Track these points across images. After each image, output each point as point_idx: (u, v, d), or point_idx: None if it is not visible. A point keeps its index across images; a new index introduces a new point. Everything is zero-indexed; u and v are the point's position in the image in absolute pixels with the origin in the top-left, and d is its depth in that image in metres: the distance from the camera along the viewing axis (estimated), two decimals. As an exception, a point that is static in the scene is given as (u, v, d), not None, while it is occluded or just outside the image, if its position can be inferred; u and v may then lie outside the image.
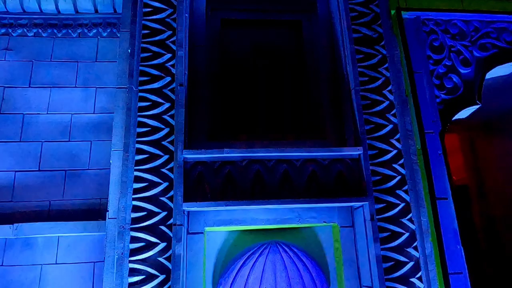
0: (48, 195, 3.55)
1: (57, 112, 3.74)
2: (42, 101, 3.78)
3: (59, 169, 3.62)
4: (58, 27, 4.03)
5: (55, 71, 3.87)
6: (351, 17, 2.59)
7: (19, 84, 3.82)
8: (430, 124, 2.55)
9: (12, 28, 3.98)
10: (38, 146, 3.67)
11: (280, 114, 2.61)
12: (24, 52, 3.94)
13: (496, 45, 2.82)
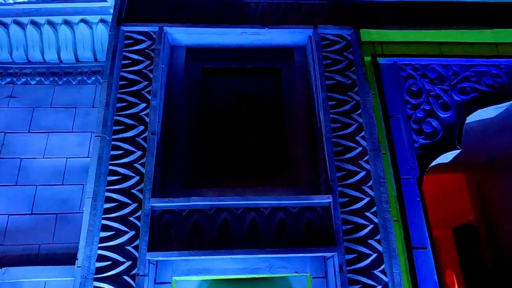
0: (38, 239, 3.60)
1: (53, 156, 3.87)
2: (39, 145, 3.92)
3: (51, 213, 3.69)
4: (59, 75, 4.24)
5: (54, 117, 4.04)
6: (325, 64, 2.63)
7: (19, 129, 3.99)
8: (408, 170, 2.50)
9: (17, 77, 4.21)
10: (32, 190, 3.77)
11: (257, 160, 2.61)
12: (26, 99, 4.14)
13: (476, 89, 2.79)
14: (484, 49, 2.88)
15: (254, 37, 2.76)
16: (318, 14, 2.80)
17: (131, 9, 2.72)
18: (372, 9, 2.84)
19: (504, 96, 2.79)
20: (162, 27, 2.63)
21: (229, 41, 2.80)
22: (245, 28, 2.71)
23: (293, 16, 2.78)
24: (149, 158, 2.27)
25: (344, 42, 2.70)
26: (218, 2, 2.79)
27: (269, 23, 2.73)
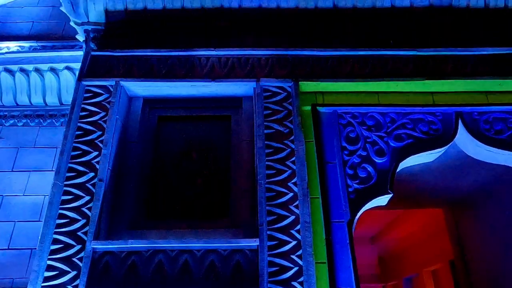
0: (12, 273, 3.83)
1: (33, 194, 4.15)
2: (21, 183, 4.22)
3: (26, 248, 3.94)
4: (44, 117, 4.58)
5: (36, 156, 4.35)
6: (266, 114, 2.87)
7: (4, 168, 4.30)
8: (340, 214, 2.67)
9: (6, 119, 4.56)
10: (11, 226, 4.04)
11: (203, 204, 2.81)
12: (12, 140, 4.48)
13: (411, 135, 2.97)
14: (420, 98, 3.07)
15: (204, 89, 3.02)
16: (263, 67, 3.06)
17: (93, 66, 3.03)
18: (313, 62, 3.08)
19: (439, 142, 2.95)
20: (119, 81, 2.92)
21: (182, 93, 3.07)
22: (195, 81, 2.98)
23: (239, 69, 3.04)
24: (95, 203, 2.50)
25: (285, 93, 2.94)
26: (171, 57, 3.07)
27: (216, 77, 2.99)
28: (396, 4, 3.35)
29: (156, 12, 3.32)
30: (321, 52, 3.10)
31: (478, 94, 3.10)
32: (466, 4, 3.35)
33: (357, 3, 3.34)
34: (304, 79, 3.01)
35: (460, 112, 3.04)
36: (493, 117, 3.05)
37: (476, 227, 5.07)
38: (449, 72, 3.06)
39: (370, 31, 3.31)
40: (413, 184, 4.54)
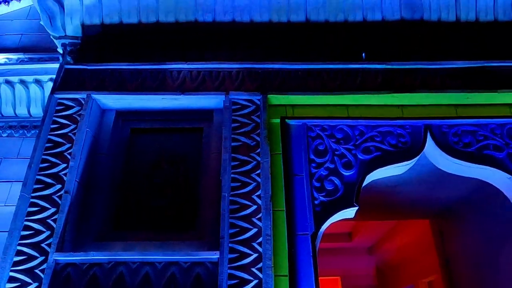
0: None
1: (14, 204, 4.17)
2: (3, 194, 4.25)
3: (4, 258, 3.94)
4: (28, 128, 4.64)
5: (19, 167, 4.38)
6: (234, 127, 2.90)
7: (-13, 178, 4.34)
8: (305, 226, 2.68)
9: (-9, 130, 4.61)
10: (-10, 236, 4.06)
11: (171, 216, 2.83)
12: (-4, 150, 4.52)
13: (380, 148, 2.98)
14: (389, 111, 3.09)
15: (174, 102, 3.06)
16: (233, 80, 3.10)
17: (66, 79, 3.08)
18: (283, 75, 3.12)
19: (407, 155, 2.97)
20: (90, 94, 2.97)
21: (154, 105, 3.11)
22: (165, 94, 3.03)
23: (210, 83, 3.09)
24: (60, 215, 2.53)
25: (254, 106, 2.98)
26: (144, 71, 3.13)
27: (186, 90, 3.04)
28: (368, 18, 3.39)
29: (132, 26, 3.39)
30: (291, 66, 3.14)
31: (447, 107, 3.12)
32: (438, 17, 3.39)
33: (329, 17, 3.39)
34: (274, 92, 3.05)
35: (429, 125, 3.06)
36: (462, 130, 3.07)
37: (459, 238, 5.05)
38: (418, 86, 3.09)
39: (342, 45, 3.35)
40: (396, 196, 4.55)
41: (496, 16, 3.39)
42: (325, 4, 3.37)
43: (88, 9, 3.34)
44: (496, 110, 3.12)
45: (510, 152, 2.98)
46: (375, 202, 4.74)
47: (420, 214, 5.60)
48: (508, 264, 4.10)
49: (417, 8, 3.38)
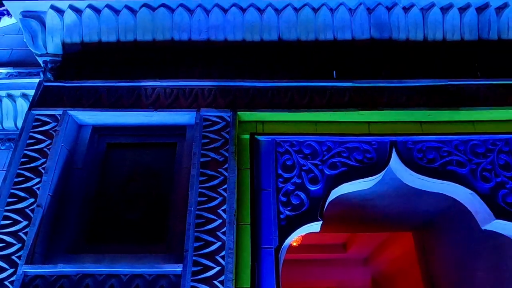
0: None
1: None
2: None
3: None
4: (15, 141, 4.73)
5: (5, 179, 4.46)
6: (204, 143, 3.00)
7: (-28, 190, 4.42)
8: (270, 240, 2.77)
9: (-21, 142, 4.72)
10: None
11: (142, 229, 2.92)
12: (-17, 163, 4.62)
13: (346, 163, 3.07)
14: (357, 128, 3.19)
15: (148, 118, 3.17)
16: (206, 98, 3.21)
17: (44, 95, 3.20)
18: (254, 93, 3.23)
19: (372, 170, 3.06)
20: (66, 111, 3.08)
21: (130, 121, 3.22)
22: (139, 111, 3.14)
23: (183, 100, 3.20)
24: (31, 228, 2.62)
25: (224, 123, 3.08)
26: (119, 88, 3.24)
27: (159, 107, 3.15)
28: (338, 37, 3.51)
29: (111, 44, 3.51)
30: (262, 83, 3.25)
31: (413, 123, 3.22)
32: (406, 37, 3.51)
33: (301, 36, 3.50)
34: (244, 109, 3.15)
35: (395, 141, 3.15)
36: (426, 146, 3.16)
37: (440, 253, 5.09)
38: (384, 103, 3.19)
39: (314, 63, 3.46)
40: (374, 209, 4.63)
41: (462, 35, 3.50)
42: (296, 24, 3.49)
43: (68, 28, 3.47)
44: (460, 127, 3.21)
45: (472, 168, 3.07)
46: (356, 215, 4.82)
47: (404, 227, 5.66)
48: (483, 282, 4.14)
49: (386, 28, 3.49)
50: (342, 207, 4.50)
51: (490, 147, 3.15)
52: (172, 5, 3.48)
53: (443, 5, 3.49)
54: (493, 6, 3.48)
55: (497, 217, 2.87)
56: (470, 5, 3.48)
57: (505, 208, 2.91)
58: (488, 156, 3.11)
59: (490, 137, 3.18)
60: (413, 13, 3.48)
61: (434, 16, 3.48)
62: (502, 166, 3.08)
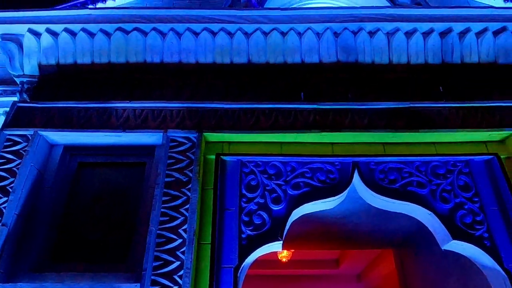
0: None
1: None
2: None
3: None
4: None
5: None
6: (169, 163, 3.08)
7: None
8: (230, 259, 2.82)
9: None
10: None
11: (108, 247, 2.97)
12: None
13: (309, 184, 3.15)
14: (321, 148, 3.27)
15: (117, 139, 3.26)
16: (174, 119, 3.30)
17: (17, 116, 3.29)
18: (221, 114, 3.32)
19: (333, 190, 3.13)
20: (37, 131, 3.17)
21: (100, 141, 3.31)
22: (108, 132, 3.23)
23: (152, 121, 3.29)
24: (-6, 247, 2.68)
25: (190, 143, 3.16)
26: (90, 109, 3.34)
27: (128, 128, 3.24)
28: (306, 60, 3.62)
29: (86, 66, 3.63)
30: (229, 105, 3.34)
31: (376, 145, 3.30)
32: (371, 60, 3.62)
33: (269, 59, 3.62)
34: (210, 130, 3.24)
35: (357, 162, 3.23)
36: (389, 167, 3.23)
37: (417, 271, 5.12)
38: (347, 125, 3.27)
39: (282, 85, 3.57)
40: (347, 226, 4.68)
41: (426, 59, 3.61)
42: (266, 47, 3.61)
43: (45, 51, 3.59)
44: (422, 148, 3.29)
45: (432, 188, 3.14)
46: (333, 232, 4.86)
47: (383, 244, 5.69)
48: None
49: (352, 51, 3.60)
50: (318, 225, 4.56)
51: (451, 168, 3.23)
52: (145, 28, 3.60)
53: (408, 30, 3.61)
54: (455, 31, 3.60)
55: (454, 237, 2.92)
56: (434, 30, 3.60)
57: (462, 229, 2.97)
58: (448, 177, 3.19)
59: (451, 159, 3.26)
60: (379, 38, 3.60)
61: (399, 41, 3.60)
62: (462, 187, 3.15)
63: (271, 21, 3.59)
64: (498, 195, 3.11)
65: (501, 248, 2.88)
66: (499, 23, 3.59)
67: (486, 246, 2.89)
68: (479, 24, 3.59)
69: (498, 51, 3.60)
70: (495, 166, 3.19)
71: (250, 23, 3.59)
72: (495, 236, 2.93)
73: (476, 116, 3.32)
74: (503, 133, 3.24)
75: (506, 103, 3.35)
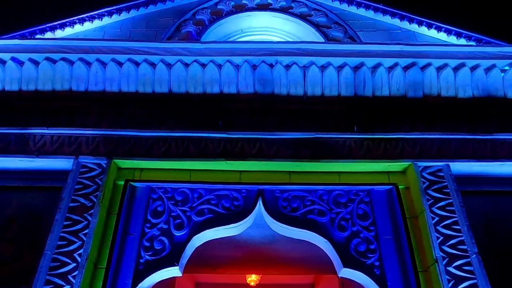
0: None
1: None
2: None
3: None
4: None
5: None
6: (77, 188, 3.19)
7: None
8: (124, 284, 2.90)
9: None
10: None
11: (12, 269, 3.05)
12: None
13: (213, 210, 3.26)
14: (228, 176, 3.40)
15: (32, 163, 3.38)
16: (89, 145, 3.43)
17: None
18: (134, 141, 3.46)
19: (236, 217, 3.24)
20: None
21: (16, 166, 3.43)
22: (22, 157, 3.36)
23: (68, 147, 3.42)
24: None
25: (100, 169, 3.29)
26: (9, 134, 3.47)
27: (43, 153, 3.37)
28: (224, 91, 3.78)
29: (13, 93, 3.78)
30: (143, 133, 3.48)
31: (282, 173, 3.43)
32: (287, 92, 3.78)
33: (189, 89, 3.78)
34: (122, 157, 3.37)
35: (262, 190, 3.35)
36: (293, 195, 3.35)
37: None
38: (255, 154, 3.41)
39: (200, 115, 3.71)
40: (278, 252, 4.74)
41: (339, 91, 3.78)
42: (186, 78, 3.78)
43: (-26, 78, 3.75)
44: (327, 177, 3.42)
45: (332, 217, 3.25)
46: (265, 257, 4.91)
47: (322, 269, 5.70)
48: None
49: (268, 83, 3.78)
50: (247, 250, 4.63)
51: (352, 197, 3.35)
52: (72, 58, 3.78)
53: (322, 63, 3.79)
54: (367, 65, 3.78)
55: (344, 265, 3.02)
56: (347, 64, 3.78)
57: (355, 257, 3.06)
58: (348, 206, 3.30)
59: (353, 188, 3.38)
60: (294, 70, 3.78)
61: (313, 74, 3.78)
62: (360, 216, 3.26)
63: (192, 54, 3.77)
64: (394, 224, 3.22)
65: (389, 276, 2.97)
66: (409, 59, 3.77)
67: (376, 275, 2.98)
68: (390, 60, 3.78)
69: (408, 85, 3.77)
70: (394, 196, 3.31)
71: (172, 55, 3.77)
72: (385, 264, 3.03)
73: (379, 147, 3.46)
74: (402, 164, 3.38)
75: (407, 135, 3.50)
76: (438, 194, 3.18)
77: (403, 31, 6.10)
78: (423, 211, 3.10)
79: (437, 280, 2.83)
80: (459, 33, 5.99)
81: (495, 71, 3.78)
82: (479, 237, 3.22)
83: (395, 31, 6.05)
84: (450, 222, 3.06)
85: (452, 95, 3.78)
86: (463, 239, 2.97)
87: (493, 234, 3.27)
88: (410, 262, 2.98)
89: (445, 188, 3.22)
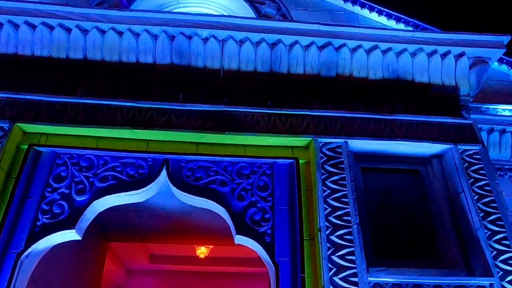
0: None
1: None
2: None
3: None
4: None
5: None
6: (-24, 151, 3.17)
7: None
8: (17, 245, 2.95)
9: None
10: None
11: None
12: None
13: (117, 177, 3.32)
14: (136, 145, 3.45)
15: None
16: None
17: None
18: (43, 107, 3.43)
19: (138, 185, 3.31)
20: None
21: None
22: None
23: (-29, 108, 3.36)
24: None
25: (2, 133, 3.26)
26: None
27: None
28: (140, 60, 3.78)
29: None
30: (50, 98, 3.46)
31: (189, 144, 3.51)
32: (204, 64, 3.82)
33: (105, 57, 3.76)
34: (27, 121, 3.35)
35: (168, 159, 3.43)
36: (198, 165, 3.45)
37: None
38: (162, 124, 3.46)
39: (114, 83, 3.71)
40: (203, 222, 4.87)
41: (256, 67, 3.85)
42: (102, 45, 3.74)
43: None
44: (233, 149, 3.53)
45: (233, 187, 3.38)
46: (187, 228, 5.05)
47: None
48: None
49: (185, 55, 3.80)
50: (168, 220, 4.75)
51: (256, 170, 3.48)
52: (-17, 19, 3.66)
53: (240, 38, 3.84)
54: (284, 42, 3.86)
55: (237, 232, 3.16)
56: (264, 40, 3.84)
57: (249, 225, 3.21)
58: (250, 177, 3.43)
59: (257, 161, 3.51)
60: (211, 44, 3.81)
61: (230, 48, 3.83)
62: (261, 187, 3.40)
63: (108, 21, 3.73)
64: (291, 196, 3.38)
65: (278, 243, 3.14)
66: (325, 39, 3.87)
67: (266, 242, 3.15)
68: (307, 39, 3.86)
69: (322, 64, 3.89)
70: (294, 170, 3.46)
71: (88, 20, 3.72)
72: (276, 233, 3.19)
73: (285, 123, 3.58)
74: (305, 139, 3.53)
75: (314, 112, 3.63)
76: (333, 169, 3.35)
77: (346, 12, 6.20)
78: (316, 184, 3.27)
79: (319, 248, 3.02)
80: (399, 17, 6.15)
81: (405, 55, 3.94)
82: (373, 212, 3.45)
83: (338, 12, 6.15)
84: (340, 195, 3.24)
85: (364, 76, 3.93)
86: (348, 210, 3.16)
87: (384, 208, 3.50)
88: (298, 231, 3.15)
89: (341, 163, 3.39)
